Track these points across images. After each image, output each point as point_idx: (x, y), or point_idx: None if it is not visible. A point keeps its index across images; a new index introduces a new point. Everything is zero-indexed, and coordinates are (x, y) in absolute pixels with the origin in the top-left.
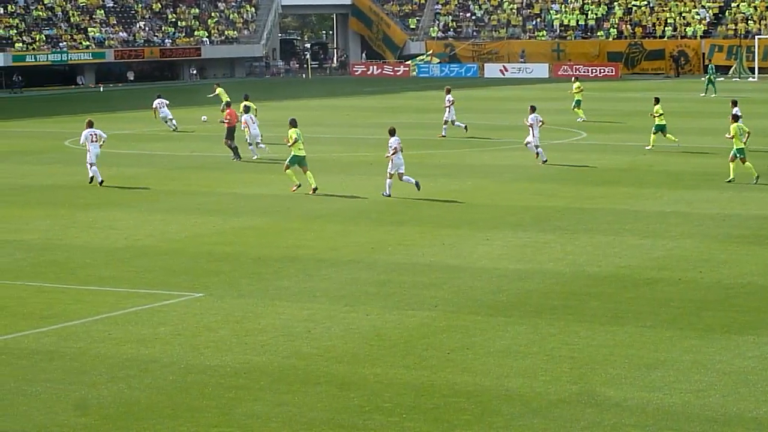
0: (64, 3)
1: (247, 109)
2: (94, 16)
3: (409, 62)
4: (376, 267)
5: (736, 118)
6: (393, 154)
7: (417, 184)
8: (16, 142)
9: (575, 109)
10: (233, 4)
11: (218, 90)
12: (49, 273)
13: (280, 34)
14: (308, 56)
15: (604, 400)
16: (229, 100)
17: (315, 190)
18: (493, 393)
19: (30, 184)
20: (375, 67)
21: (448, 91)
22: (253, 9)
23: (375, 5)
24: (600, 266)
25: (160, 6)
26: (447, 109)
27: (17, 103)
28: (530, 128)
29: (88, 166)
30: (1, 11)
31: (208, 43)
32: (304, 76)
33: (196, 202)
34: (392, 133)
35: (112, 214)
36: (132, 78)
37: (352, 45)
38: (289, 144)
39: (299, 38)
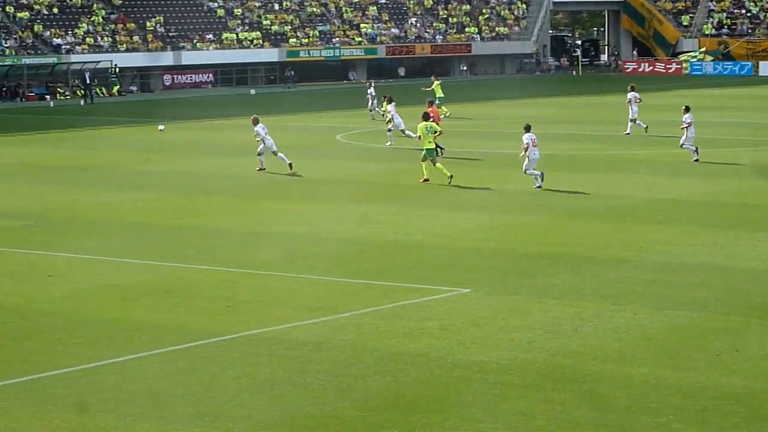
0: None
1: (390, 100)
2: (366, 13)
3: (681, 59)
4: (644, 266)
5: None
6: (526, 149)
7: (541, 176)
8: (290, 136)
9: None
10: (504, 0)
11: (435, 84)
12: (319, 265)
13: (550, 31)
14: (579, 53)
15: None
16: (442, 95)
17: (451, 177)
18: (764, 397)
19: (303, 179)
20: (646, 64)
21: (633, 89)
22: (524, 5)
23: (648, 2)
24: None
25: (431, 2)
26: (630, 107)
27: (290, 97)
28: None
29: (265, 155)
30: (277, 7)
31: (478, 39)
32: (574, 73)
33: (462, 198)
34: (527, 128)
35: (380, 209)
36: (403, 74)
37: (624, 42)
38: (415, 136)
39: (570, 35)
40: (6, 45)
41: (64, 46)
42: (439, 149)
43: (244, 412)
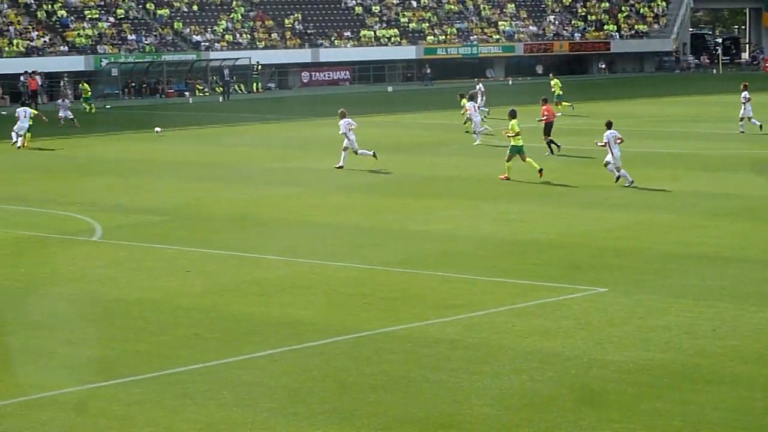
0: None
1: (471, 98)
2: (504, 10)
3: None
4: None
5: None
6: (603, 145)
7: (620, 177)
8: (425, 133)
9: None
10: None
11: (554, 82)
12: (455, 263)
13: (690, 29)
14: (719, 51)
15: None
16: (561, 93)
17: (541, 171)
18: None
19: (437, 176)
20: None
21: (745, 88)
22: (664, 3)
23: None
24: None
25: (570, 0)
26: (743, 105)
27: (427, 95)
28: None
29: (346, 152)
30: (415, 5)
31: (617, 37)
32: (714, 71)
33: (597, 197)
34: (609, 125)
35: (517, 207)
36: (540, 72)
37: (765, 40)
38: (509, 134)
39: (710, 33)
40: (146, 42)
41: (203, 43)
42: (554, 146)
43: (378, 409)
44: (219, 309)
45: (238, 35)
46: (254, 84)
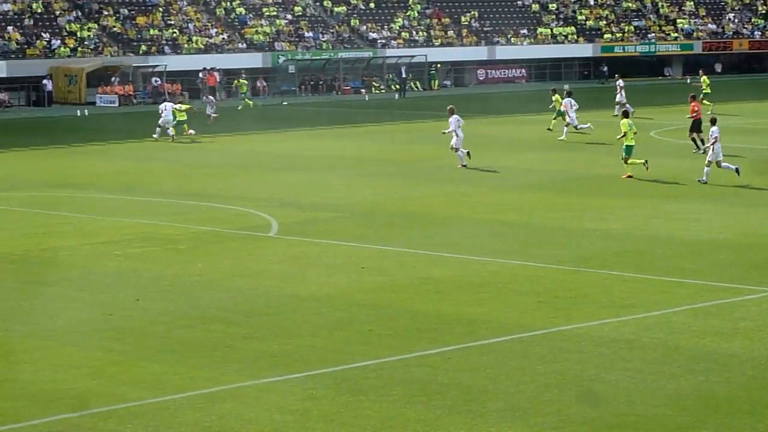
0: None
1: (569, 94)
2: (683, 8)
3: None
4: None
5: None
6: (713, 143)
7: (737, 170)
8: (603, 131)
9: None
10: None
11: (703, 79)
12: (630, 263)
13: None
14: None
15: None
16: (708, 91)
17: (646, 162)
18: None
19: (612, 175)
20: None
21: None
22: None
23: None
24: None
25: None
26: None
27: (604, 93)
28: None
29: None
30: (592, 2)
31: None
32: None
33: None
34: (714, 122)
35: (694, 206)
36: (719, 70)
37: None
38: (618, 137)
39: None
40: (323, 39)
41: (379, 41)
42: (699, 143)
43: (552, 408)
44: (393, 306)
45: (414, 33)
46: (431, 81)
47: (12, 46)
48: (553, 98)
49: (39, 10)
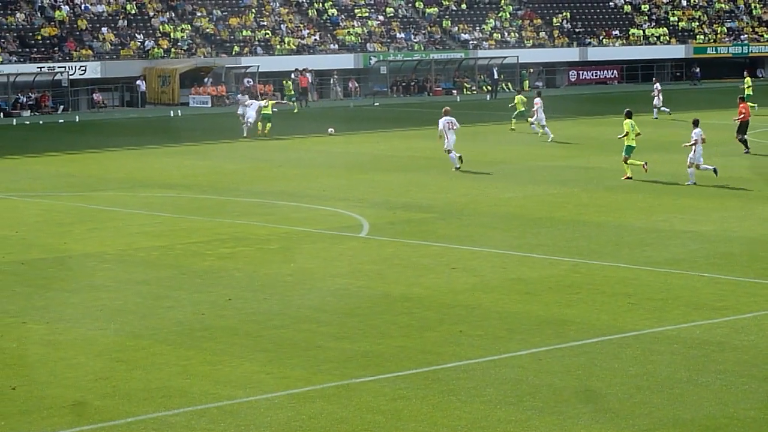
0: None
1: (539, 94)
2: None
3: None
4: None
5: None
6: (694, 144)
7: (714, 171)
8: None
9: None
10: None
11: (747, 80)
12: (722, 264)
13: None
14: None
15: None
16: (751, 93)
17: (646, 164)
18: None
19: (705, 177)
20: None
21: None
22: None
23: None
24: None
25: None
26: None
27: (695, 94)
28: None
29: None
30: (684, 3)
31: None
32: None
33: None
34: (696, 123)
35: None
36: None
37: None
38: (620, 136)
39: None
40: (415, 40)
41: (471, 42)
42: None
43: (643, 410)
44: (483, 306)
45: (505, 34)
46: (524, 83)
47: (106, 47)
48: (516, 99)
49: (133, 12)
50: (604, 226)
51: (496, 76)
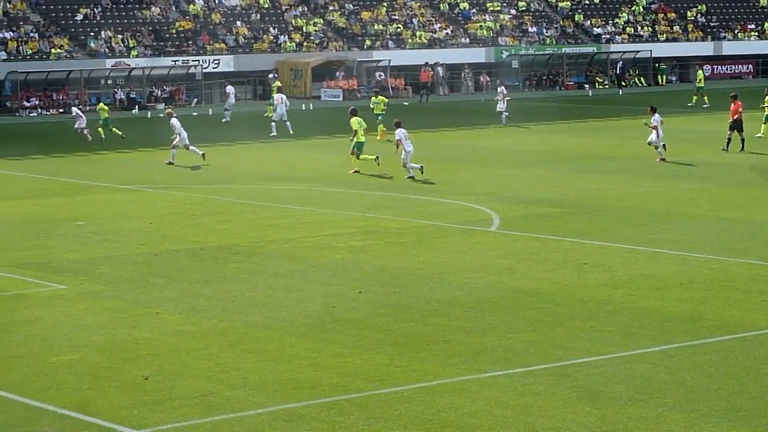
0: None
1: (279, 90)
2: None
3: None
4: None
5: None
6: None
7: (421, 169)
8: None
9: None
10: None
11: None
12: None
13: None
14: None
15: None
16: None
17: (377, 158)
18: None
19: None
20: None
21: None
22: None
23: None
24: None
25: None
26: None
27: None
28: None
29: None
30: None
31: None
32: None
33: None
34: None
35: None
36: None
37: None
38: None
39: None
40: (547, 34)
41: (603, 36)
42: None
43: None
44: (615, 302)
45: (639, 27)
46: (659, 77)
47: (240, 41)
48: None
49: (266, 5)
50: (737, 223)
51: (618, 71)
